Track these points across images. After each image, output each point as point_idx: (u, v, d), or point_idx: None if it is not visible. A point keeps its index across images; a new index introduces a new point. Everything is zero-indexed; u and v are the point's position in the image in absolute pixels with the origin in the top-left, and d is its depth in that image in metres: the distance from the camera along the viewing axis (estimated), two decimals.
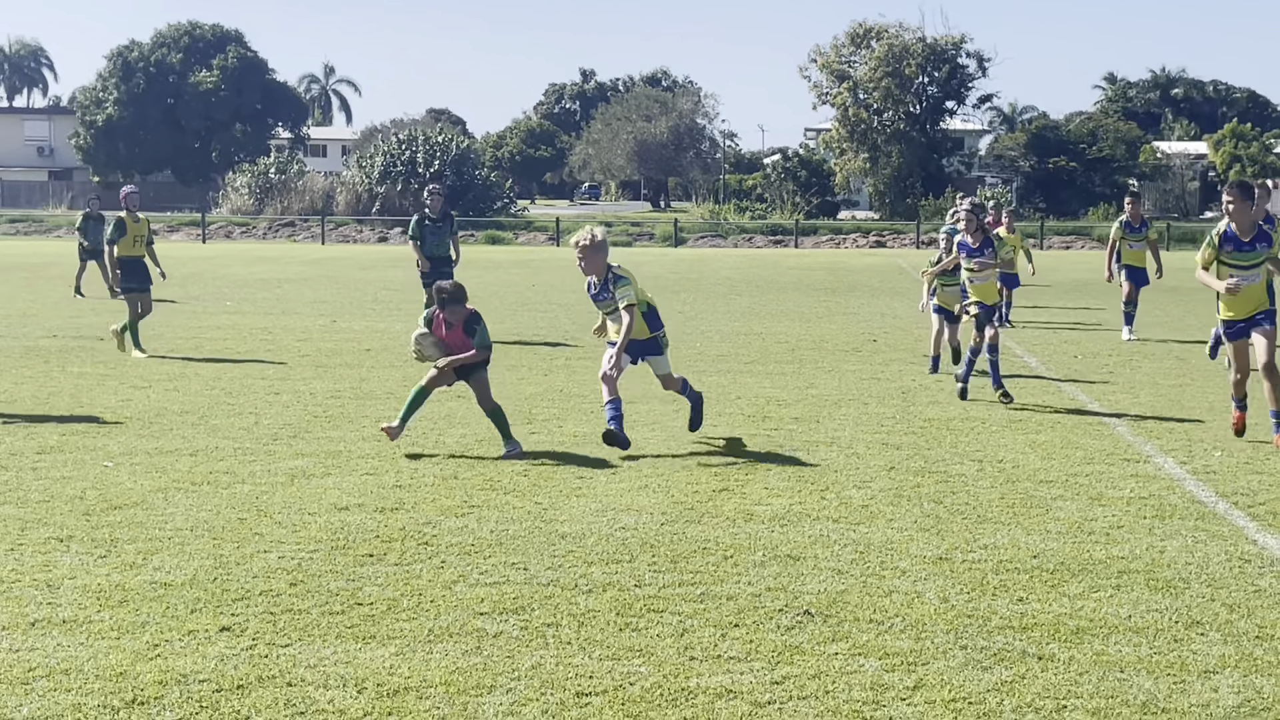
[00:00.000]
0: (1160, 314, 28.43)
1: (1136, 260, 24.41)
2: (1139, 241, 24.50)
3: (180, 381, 17.99)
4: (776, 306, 31.19)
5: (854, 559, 9.45)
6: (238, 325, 20.57)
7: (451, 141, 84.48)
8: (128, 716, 6.57)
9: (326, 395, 16.86)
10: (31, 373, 18.68)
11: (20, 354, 20.75)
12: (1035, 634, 7.89)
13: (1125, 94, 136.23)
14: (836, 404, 16.39)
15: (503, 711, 6.68)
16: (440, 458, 12.82)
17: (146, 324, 21.21)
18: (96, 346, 21.75)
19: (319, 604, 8.32)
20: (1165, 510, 10.98)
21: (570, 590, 8.66)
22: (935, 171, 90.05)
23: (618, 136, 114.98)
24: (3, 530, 10.00)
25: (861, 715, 6.68)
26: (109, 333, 21.12)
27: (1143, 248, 24.53)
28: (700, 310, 30.02)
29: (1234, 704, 6.85)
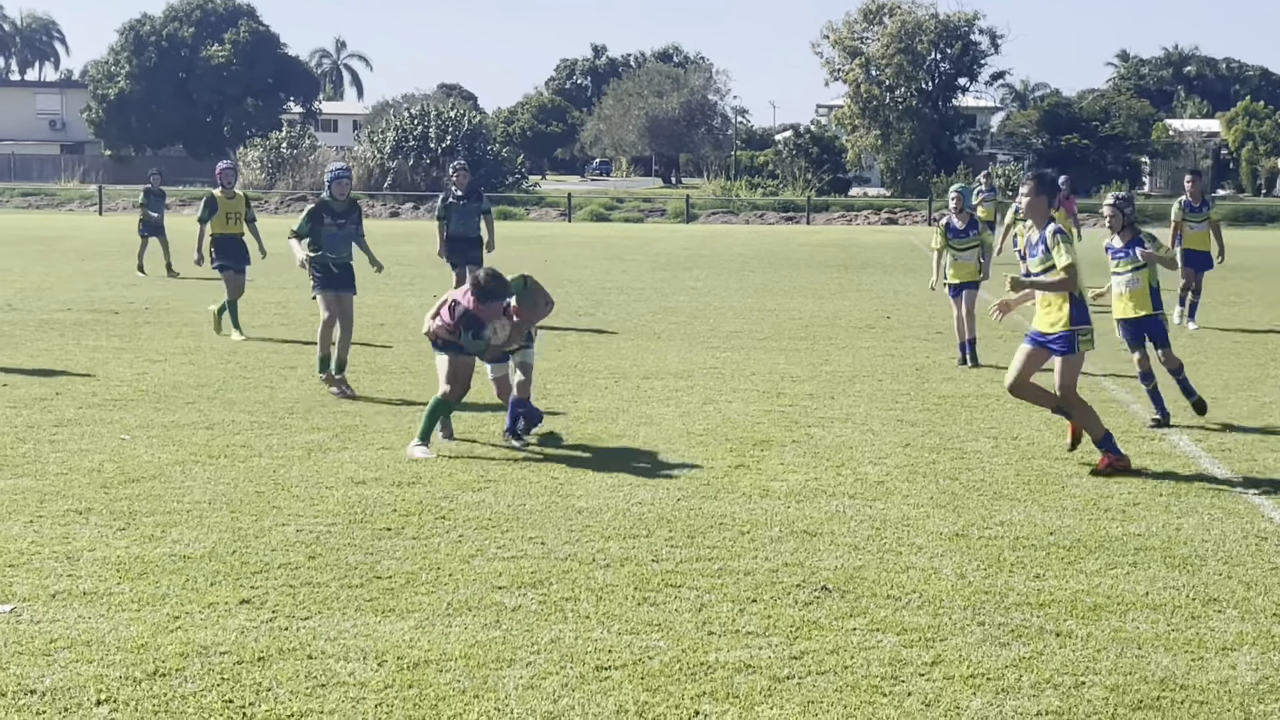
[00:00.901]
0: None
1: (1198, 244, 22.42)
2: (1200, 222, 22.56)
3: (195, 355, 18.01)
4: (789, 283, 31.15)
5: (870, 535, 9.46)
6: (251, 300, 20.58)
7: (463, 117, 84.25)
8: (149, 688, 6.60)
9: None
10: (47, 345, 18.70)
11: (35, 327, 20.77)
12: (1052, 610, 7.89)
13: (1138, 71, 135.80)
14: (850, 380, 16.38)
15: (522, 685, 6.69)
16: (457, 431, 12.79)
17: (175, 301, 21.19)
18: (112, 320, 21.77)
19: (338, 577, 8.34)
20: (1181, 488, 10.97)
21: (588, 565, 8.68)
22: (947, 149, 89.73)
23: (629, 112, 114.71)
24: (22, 503, 10.03)
25: (880, 690, 6.69)
26: (207, 312, 20.77)
27: (1204, 229, 22.59)
28: (713, 286, 29.98)
29: (1252, 681, 6.86)
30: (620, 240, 50.05)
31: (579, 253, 41.64)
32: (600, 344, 19.72)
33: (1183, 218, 22.46)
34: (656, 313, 24.19)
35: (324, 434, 12.76)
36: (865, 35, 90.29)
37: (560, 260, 38.21)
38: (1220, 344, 20.32)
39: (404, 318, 22.41)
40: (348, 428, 13.07)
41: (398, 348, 18.96)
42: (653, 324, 22.37)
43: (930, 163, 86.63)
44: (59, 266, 33.01)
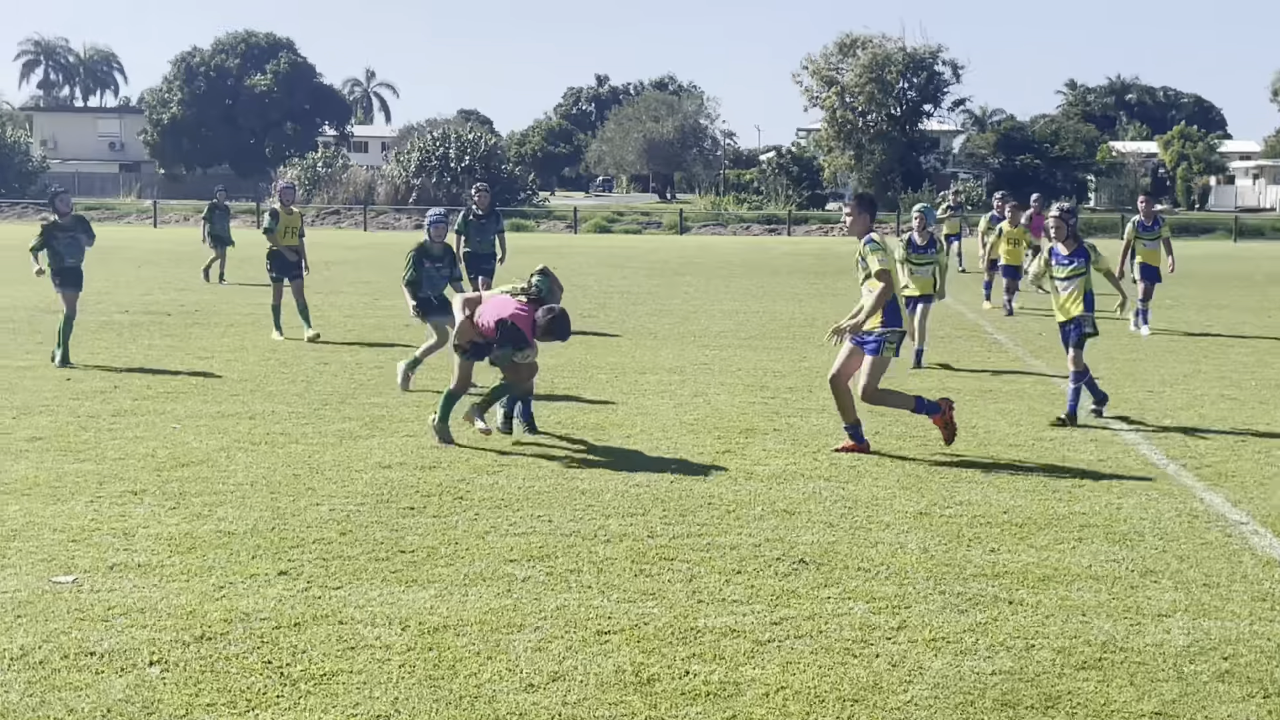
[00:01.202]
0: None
1: (1150, 259, 22.08)
2: (1153, 240, 22.07)
3: (239, 353, 18.01)
4: (772, 288, 31.13)
5: (843, 513, 9.46)
6: (290, 303, 20.52)
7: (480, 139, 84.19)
8: (197, 650, 6.60)
9: (370, 366, 16.87)
10: (106, 344, 18.70)
11: (96, 328, 20.76)
12: (1006, 581, 7.90)
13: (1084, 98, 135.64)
14: (826, 375, 16.34)
15: (531, 647, 6.70)
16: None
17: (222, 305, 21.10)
18: (165, 321, 21.77)
19: (366, 551, 8.34)
20: (1122, 471, 10.98)
21: (590, 540, 8.68)
22: (914, 168, 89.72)
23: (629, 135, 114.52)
24: (83, 484, 10.03)
25: (851, 653, 6.69)
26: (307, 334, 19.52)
27: (1156, 246, 22.07)
28: (704, 291, 29.97)
29: (1184, 644, 6.86)
30: (621, 250, 50.01)
31: (584, 261, 41.61)
32: (602, 343, 19.71)
33: (1135, 235, 22.04)
34: (653, 315, 24.18)
35: (354, 423, 12.75)
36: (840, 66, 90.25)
37: (567, 267, 38.14)
38: (1158, 344, 20.32)
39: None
40: (376, 418, 13.06)
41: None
42: (649, 325, 22.36)
43: (898, 180, 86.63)
44: (117, 273, 32.98)
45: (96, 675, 6.26)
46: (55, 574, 7.80)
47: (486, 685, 6.21)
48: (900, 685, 6.27)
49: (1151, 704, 6.09)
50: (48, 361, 16.68)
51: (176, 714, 5.84)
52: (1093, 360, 17.98)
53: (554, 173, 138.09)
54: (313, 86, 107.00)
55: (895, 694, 6.17)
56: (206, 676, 6.27)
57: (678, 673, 6.39)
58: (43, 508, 9.32)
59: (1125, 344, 20.09)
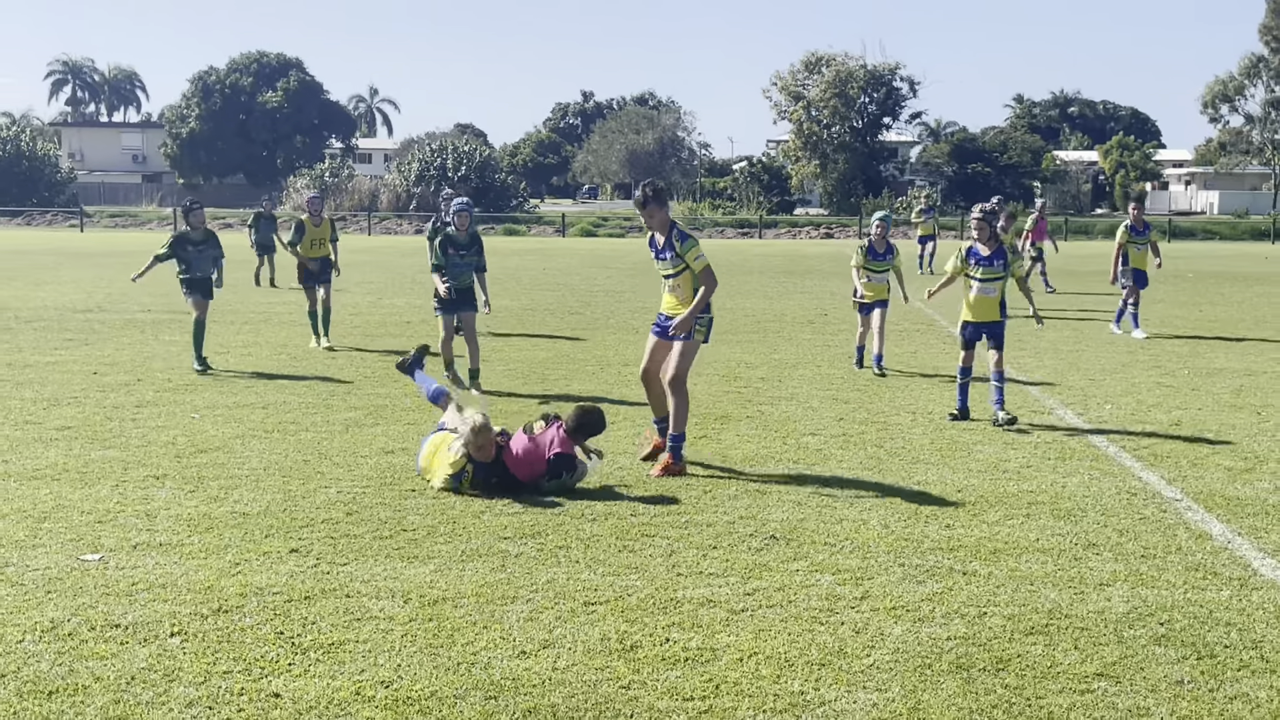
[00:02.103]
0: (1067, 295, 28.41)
1: (1140, 262, 21.27)
2: (1143, 245, 20.79)
3: (253, 348, 17.95)
4: (744, 287, 31.13)
5: (811, 493, 9.46)
6: (300, 301, 20.45)
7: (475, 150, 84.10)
8: (214, 622, 6.57)
9: (374, 359, 16.84)
10: (130, 340, 18.62)
11: (121, 325, 20.69)
12: (960, 554, 7.91)
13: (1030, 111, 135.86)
14: (794, 366, 16.38)
15: (524, 618, 6.68)
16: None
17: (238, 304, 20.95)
18: (184, 319, 21.61)
19: (371, 530, 8.32)
20: (1066, 453, 11.00)
21: (577, 518, 8.66)
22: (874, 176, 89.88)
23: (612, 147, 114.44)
24: (109, 470, 9.99)
25: (818, 620, 6.69)
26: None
27: (1145, 250, 20.79)
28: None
29: (1124, 611, 6.88)
30: (605, 252, 49.97)
31: (571, 262, 41.57)
32: (588, 336, 19.69)
33: (1128, 240, 20.82)
34: (635, 311, 24.16)
35: (359, 412, 12.72)
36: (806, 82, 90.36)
37: (555, 268, 38.15)
38: (1098, 336, 20.37)
39: (426, 316, 22.33)
40: (379, 407, 13.03)
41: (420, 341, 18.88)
42: (632, 321, 22.33)
43: (860, 187, 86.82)
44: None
45: (121, 646, 6.23)
46: (83, 552, 7.77)
47: (482, 653, 6.20)
48: (863, 650, 6.28)
49: (1094, 665, 6.11)
50: (75, 356, 16.60)
51: (196, 681, 5.81)
52: (1038, 351, 18.03)
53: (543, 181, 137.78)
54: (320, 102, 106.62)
55: (859, 658, 6.18)
56: (223, 646, 6.24)
57: (658, 640, 6.38)
58: (71, 491, 9.28)
59: (1068, 337, 20.14)
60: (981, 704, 5.65)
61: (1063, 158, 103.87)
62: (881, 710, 5.58)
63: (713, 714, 5.53)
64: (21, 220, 76.95)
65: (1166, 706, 5.65)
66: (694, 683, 5.86)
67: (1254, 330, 21.40)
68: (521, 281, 31.72)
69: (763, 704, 5.64)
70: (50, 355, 16.90)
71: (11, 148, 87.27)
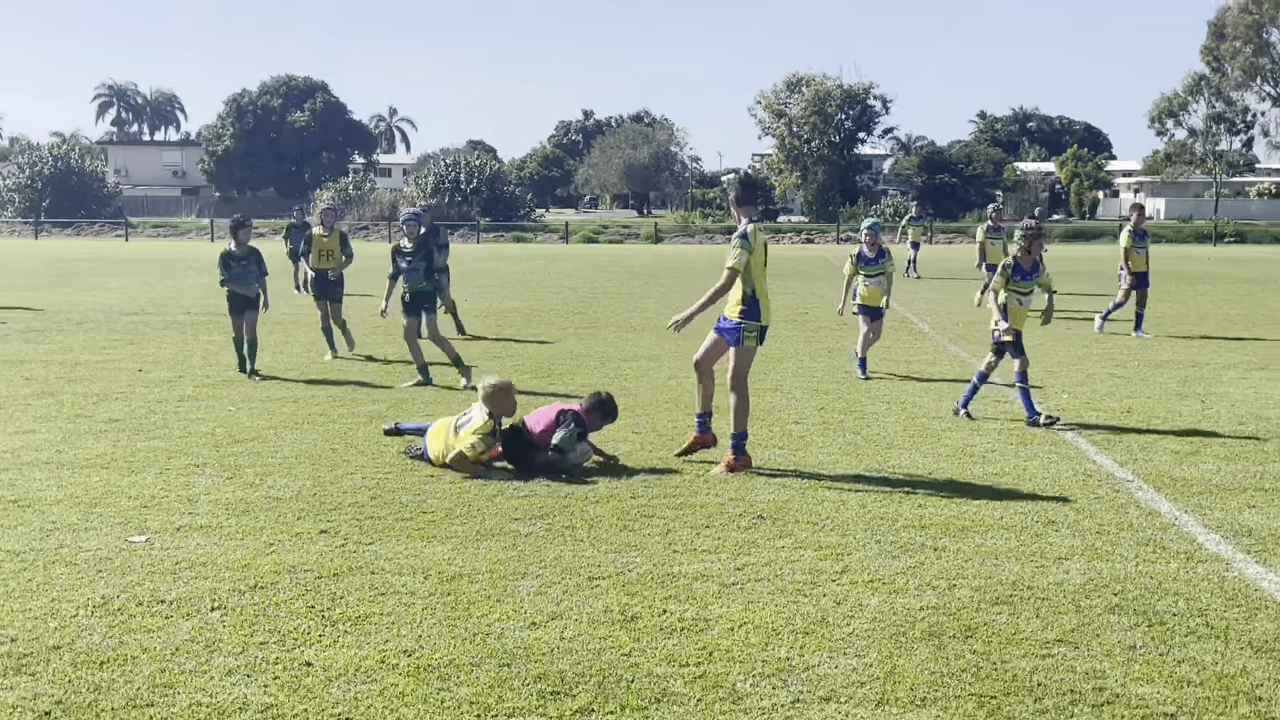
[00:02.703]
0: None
1: (1141, 266, 21.14)
2: (1143, 248, 20.16)
3: (285, 347, 17.93)
4: None
5: (794, 476, 9.46)
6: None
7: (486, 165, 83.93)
8: (251, 597, 6.57)
9: (395, 357, 16.81)
10: (172, 340, 18.60)
11: (163, 327, 20.66)
12: (931, 531, 7.91)
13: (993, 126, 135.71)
14: (779, 360, 16.37)
15: (533, 592, 6.68)
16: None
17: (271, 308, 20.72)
18: (220, 321, 21.58)
19: (393, 512, 8.32)
20: (1027, 438, 11.00)
21: (582, 501, 8.66)
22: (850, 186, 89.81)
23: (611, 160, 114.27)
24: (153, 459, 9.98)
25: (802, 593, 6.69)
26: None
27: (1145, 254, 20.17)
28: (675, 290, 29.93)
29: (1080, 582, 6.88)
30: (605, 256, 49.92)
31: (574, 266, 41.53)
32: (590, 334, 19.68)
33: (1132, 244, 20.13)
34: (632, 311, 24.14)
35: (382, 405, 12.71)
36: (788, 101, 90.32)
37: (560, 271, 38.10)
38: (1056, 332, 20.36)
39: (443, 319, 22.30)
40: (400, 401, 13.02)
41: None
42: (630, 320, 22.32)
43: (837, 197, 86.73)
44: (180, 281, 32.83)
45: (166, 620, 6.23)
46: (131, 534, 7.76)
47: (496, 623, 6.20)
48: (844, 620, 6.28)
49: (1054, 632, 6.11)
50: (121, 355, 16.59)
51: (235, 652, 5.81)
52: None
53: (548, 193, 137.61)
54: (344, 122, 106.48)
55: (839, 627, 6.18)
56: (260, 619, 6.24)
57: (656, 611, 6.38)
58: (119, 479, 9.27)
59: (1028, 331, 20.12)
60: (952, 668, 5.66)
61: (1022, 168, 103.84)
62: (860, 674, 5.59)
63: (707, 679, 5.53)
64: (72, 231, 76.77)
65: (1120, 669, 5.66)
66: (689, 650, 5.86)
67: (1198, 326, 21.39)
68: (529, 285, 31.69)
69: (752, 669, 5.64)
70: (99, 354, 16.88)
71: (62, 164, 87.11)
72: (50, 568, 7.07)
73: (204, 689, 5.38)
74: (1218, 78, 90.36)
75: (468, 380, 13.95)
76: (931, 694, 5.37)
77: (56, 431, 11.16)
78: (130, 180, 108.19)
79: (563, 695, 5.34)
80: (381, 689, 5.40)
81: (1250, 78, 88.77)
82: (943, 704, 5.27)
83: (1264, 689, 5.46)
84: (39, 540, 7.62)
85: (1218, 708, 5.26)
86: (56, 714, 5.13)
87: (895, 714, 5.17)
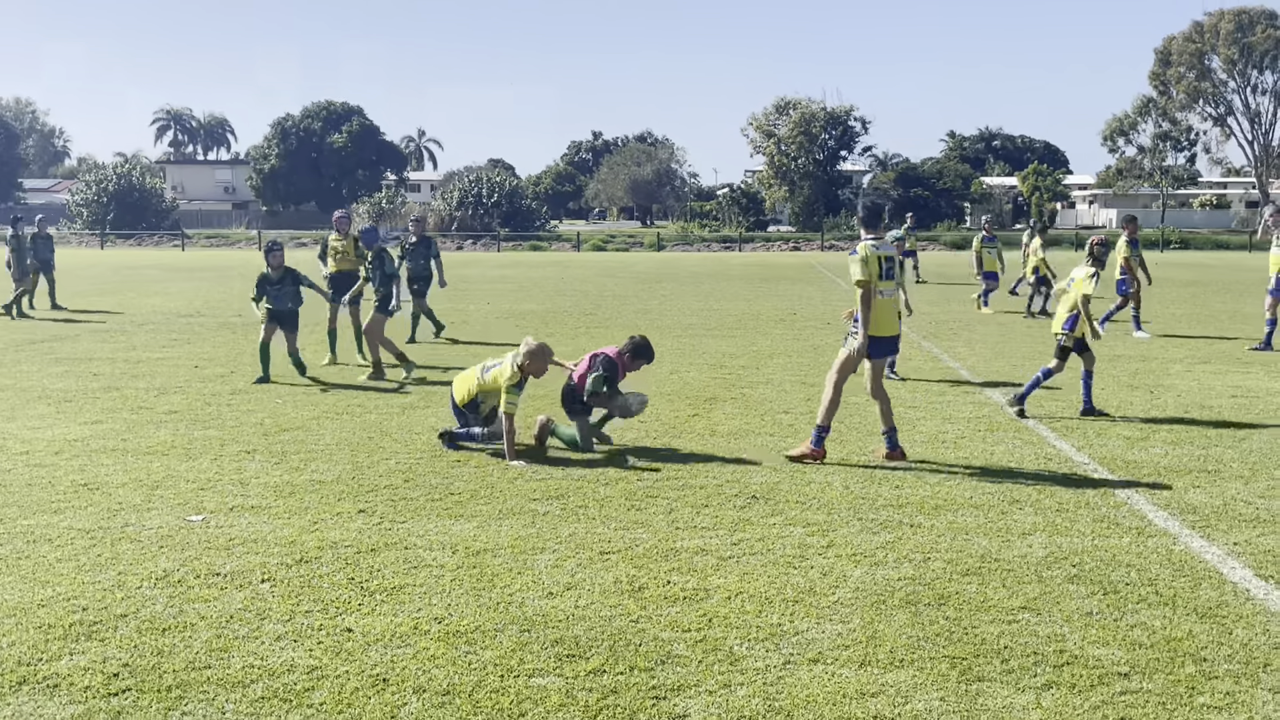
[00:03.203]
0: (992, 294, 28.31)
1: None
2: (1138, 256, 19.75)
3: (324, 345, 17.89)
4: (727, 291, 31.08)
5: (784, 460, 9.45)
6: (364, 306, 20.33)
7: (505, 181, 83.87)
8: (297, 570, 6.58)
9: (424, 353, 16.80)
10: (224, 341, 18.60)
11: (215, 328, 20.67)
12: (908, 509, 7.90)
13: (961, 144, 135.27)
14: (770, 356, 16.36)
15: (550, 565, 6.68)
16: None
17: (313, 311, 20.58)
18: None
19: (424, 494, 8.32)
20: (994, 426, 10.98)
21: (593, 483, 8.66)
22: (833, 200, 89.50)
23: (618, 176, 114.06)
24: (208, 446, 9.99)
25: (792, 565, 6.69)
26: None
27: (1138, 260, 19.71)
28: (676, 294, 29.91)
29: (1042, 555, 6.88)
30: (613, 264, 49.89)
31: (584, 272, 41.49)
32: (599, 333, 19.66)
33: (1129, 254, 19.71)
34: (638, 312, 24.13)
35: (414, 397, 12.71)
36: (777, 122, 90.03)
37: (572, 276, 38.05)
38: (1016, 329, 20.34)
39: (466, 319, 22.34)
40: (430, 393, 13.02)
41: (462, 339, 18.87)
42: (635, 320, 22.31)
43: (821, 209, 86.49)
44: (231, 287, 32.82)
45: (221, 590, 6.24)
46: (189, 514, 7.77)
47: (517, 593, 6.20)
48: (829, 589, 6.28)
49: (1019, 600, 6.10)
50: (179, 353, 16.59)
51: (283, 619, 5.82)
52: (973, 341, 17.99)
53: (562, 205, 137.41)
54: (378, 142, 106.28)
55: (826, 596, 6.18)
56: (305, 590, 6.25)
57: (661, 582, 6.38)
58: (178, 464, 9.28)
59: (993, 331, 20.10)
60: (927, 633, 5.65)
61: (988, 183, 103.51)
62: (845, 638, 5.58)
63: (707, 642, 5.53)
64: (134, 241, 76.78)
65: (1079, 633, 5.66)
66: (691, 617, 5.86)
67: (1147, 324, 21.34)
68: (544, 289, 31.68)
69: (748, 634, 5.64)
70: (159, 352, 16.89)
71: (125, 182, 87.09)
72: (117, 544, 7.08)
73: (255, 653, 5.39)
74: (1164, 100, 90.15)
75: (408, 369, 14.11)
76: (909, 656, 5.37)
77: (121, 422, 11.17)
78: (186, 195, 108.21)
79: (578, 658, 5.34)
80: (415, 652, 5.41)
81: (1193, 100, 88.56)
82: (919, 665, 5.27)
83: (1208, 650, 5.45)
84: (106, 519, 7.63)
85: (1166, 667, 5.26)
86: (124, 675, 5.14)
87: (876, 674, 5.18)
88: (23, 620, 5.80)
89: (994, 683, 5.09)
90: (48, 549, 6.98)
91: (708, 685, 5.06)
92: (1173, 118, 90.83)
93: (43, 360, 15.95)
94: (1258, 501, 8.13)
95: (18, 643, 5.51)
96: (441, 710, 4.81)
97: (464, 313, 23.57)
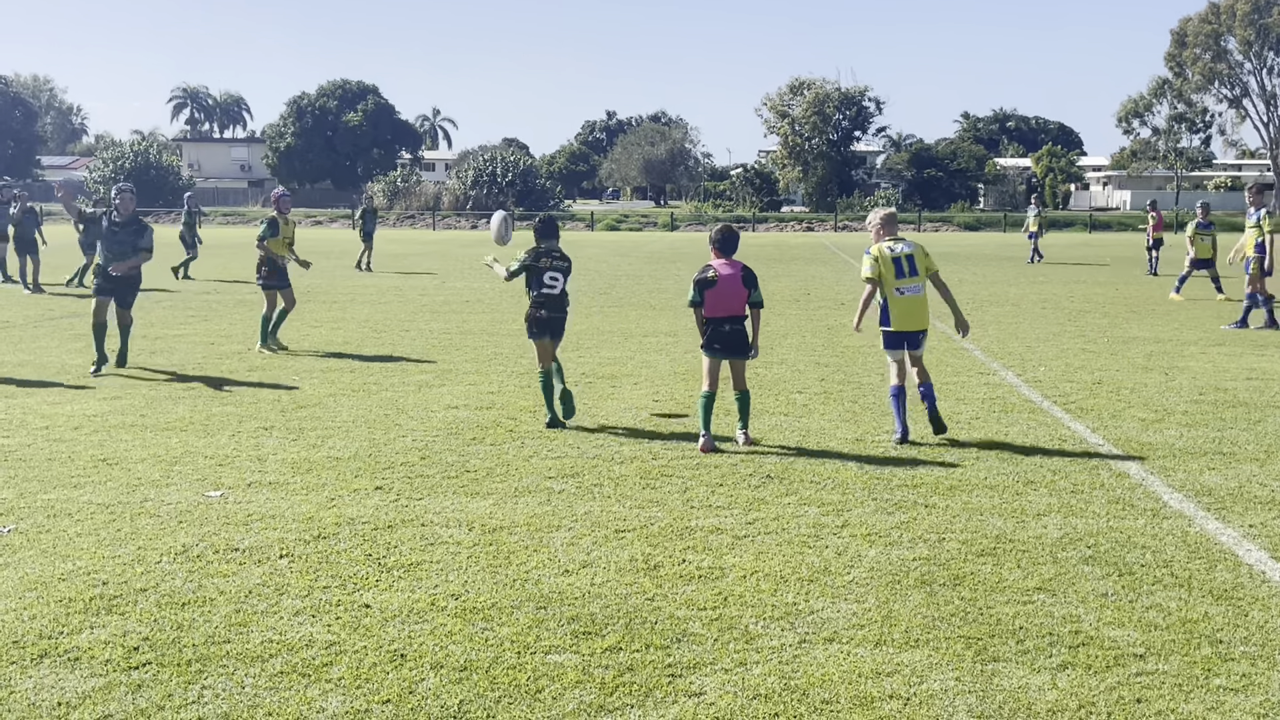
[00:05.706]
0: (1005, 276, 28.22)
1: (1205, 252, 21.62)
2: (1207, 236, 21.88)
3: (341, 323, 17.94)
4: None
5: (799, 440, 9.43)
6: (378, 284, 20.40)
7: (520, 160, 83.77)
8: (315, 546, 6.59)
9: (440, 332, 16.81)
10: (240, 318, 18.63)
11: (232, 305, 20.70)
12: (922, 490, 7.87)
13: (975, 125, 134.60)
14: (784, 336, 16.31)
15: (566, 543, 6.68)
16: (518, 374, 12.77)
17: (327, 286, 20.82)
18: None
19: (440, 471, 8.32)
20: (1008, 407, 10.94)
21: (609, 461, 8.65)
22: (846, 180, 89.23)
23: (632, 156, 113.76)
24: (227, 422, 10.01)
25: (807, 545, 6.67)
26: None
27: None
28: (690, 274, 29.83)
29: (1057, 537, 6.84)
30: (626, 243, 49.81)
31: (599, 251, 41.44)
32: (614, 312, 19.64)
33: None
34: (652, 292, 24.09)
35: (429, 375, 12.71)
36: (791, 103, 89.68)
37: (587, 256, 37.98)
38: (1032, 309, 20.25)
39: (483, 296, 22.32)
40: (445, 371, 13.02)
41: (479, 316, 18.86)
42: (649, 299, 22.27)
43: (835, 189, 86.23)
44: (247, 262, 32.82)
45: (240, 566, 6.25)
46: (207, 490, 7.79)
47: (533, 571, 6.20)
48: (844, 569, 6.26)
49: (1034, 581, 6.08)
50: (196, 330, 16.63)
51: (301, 594, 5.83)
52: (984, 323, 17.92)
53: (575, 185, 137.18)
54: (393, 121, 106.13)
55: (840, 575, 6.16)
56: (323, 566, 6.26)
57: (676, 560, 6.37)
58: (196, 440, 9.30)
59: (1008, 312, 20.01)
60: (942, 613, 5.63)
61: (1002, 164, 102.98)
62: (860, 618, 5.57)
63: (722, 621, 5.52)
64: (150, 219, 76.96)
65: (1094, 615, 5.63)
66: (706, 596, 5.85)
67: (1161, 306, 21.23)
68: None
69: (763, 613, 5.63)
70: (177, 329, 16.93)
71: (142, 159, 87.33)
72: (136, 519, 7.10)
73: (274, 627, 5.40)
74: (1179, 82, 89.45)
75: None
76: (924, 636, 5.35)
77: (140, 398, 11.20)
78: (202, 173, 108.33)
79: (593, 635, 5.34)
80: (432, 628, 5.41)
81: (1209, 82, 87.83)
82: (934, 645, 5.25)
83: (1224, 633, 5.42)
84: (126, 494, 7.66)
85: (1182, 649, 5.23)
86: (144, 649, 5.16)
87: (891, 654, 5.16)
88: (44, 594, 5.83)
89: (1009, 663, 5.06)
90: (68, 523, 7.01)
91: (723, 663, 5.05)
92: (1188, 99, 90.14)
93: (62, 336, 16.00)
94: (1273, 484, 8.07)
95: (39, 616, 5.53)
96: (458, 686, 4.81)
97: (479, 290, 23.55)
